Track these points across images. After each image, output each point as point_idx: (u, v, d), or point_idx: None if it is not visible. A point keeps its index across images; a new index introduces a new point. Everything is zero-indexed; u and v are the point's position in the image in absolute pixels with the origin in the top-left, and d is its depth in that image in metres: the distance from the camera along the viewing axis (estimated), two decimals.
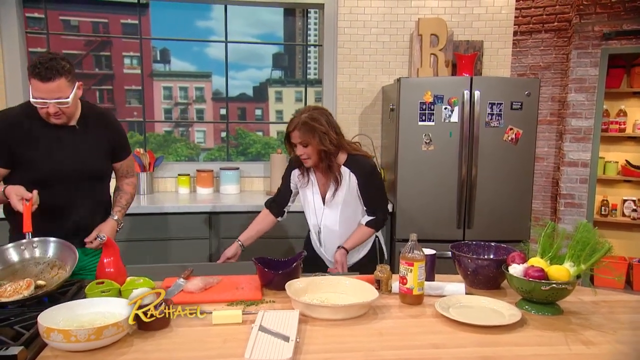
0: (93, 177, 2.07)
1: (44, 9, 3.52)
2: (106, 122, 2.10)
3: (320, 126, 2.07)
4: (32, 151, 1.92)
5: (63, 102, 1.83)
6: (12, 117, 1.93)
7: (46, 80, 1.78)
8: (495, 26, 3.84)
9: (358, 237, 2.25)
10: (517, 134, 3.20)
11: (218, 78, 3.87)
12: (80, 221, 2.04)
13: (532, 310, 1.60)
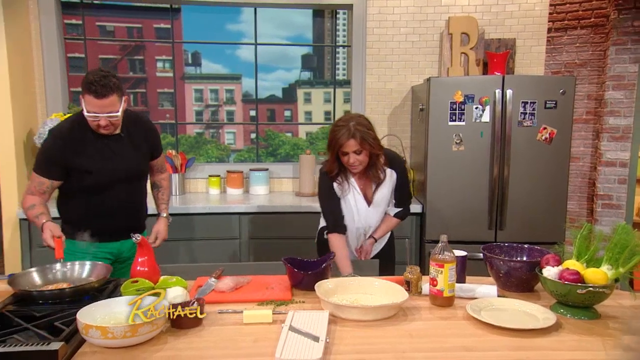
0: (138, 178, 2.27)
1: (82, 15, 3.63)
2: (143, 125, 2.25)
3: (371, 131, 2.13)
4: (86, 162, 2.07)
5: (113, 115, 1.99)
6: (65, 134, 2.07)
7: (101, 97, 1.92)
8: (528, 23, 3.76)
9: (387, 228, 2.39)
10: (551, 133, 3.13)
11: (248, 80, 3.91)
12: (131, 218, 2.25)
13: (567, 314, 1.56)
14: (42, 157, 2.10)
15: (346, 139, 2.09)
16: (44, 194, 2.10)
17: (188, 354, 1.32)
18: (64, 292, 1.60)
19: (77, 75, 3.67)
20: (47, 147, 2.09)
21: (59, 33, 3.50)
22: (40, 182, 2.08)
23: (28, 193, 2.11)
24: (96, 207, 2.13)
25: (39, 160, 2.11)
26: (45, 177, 2.07)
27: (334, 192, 2.27)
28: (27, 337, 1.35)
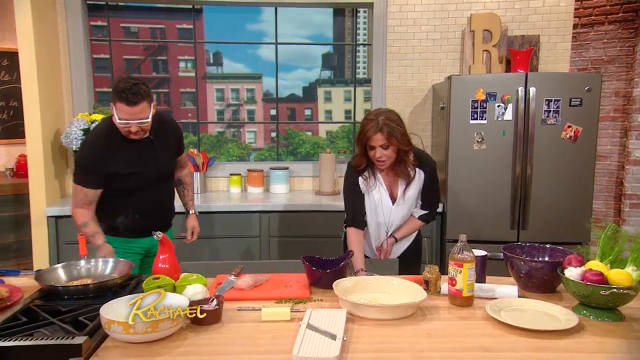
0: (168, 177, 2.37)
1: (107, 17, 3.71)
2: (168, 125, 2.32)
3: (399, 126, 2.10)
4: (121, 167, 2.14)
5: (144, 122, 2.05)
6: (100, 143, 2.13)
7: (132, 104, 1.99)
8: (553, 19, 3.69)
9: (409, 229, 2.34)
10: (576, 131, 3.06)
11: (268, 79, 3.94)
12: (162, 216, 2.37)
13: (590, 316, 1.53)
14: (82, 168, 2.16)
15: (373, 133, 2.08)
16: (91, 204, 2.15)
17: (207, 350, 1.34)
18: (88, 288, 1.64)
19: (102, 75, 3.75)
20: (85, 157, 2.15)
21: (85, 35, 3.58)
22: (84, 194, 2.13)
23: (77, 207, 2.15)
24: (129, 208, 2.22)
25: (79, 172, 2.16)
26: (89, 187, 2.12)
27: (358, 188, 2.26)
28: (52, 331, 1.39)
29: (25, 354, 1.25)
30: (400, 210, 2.29)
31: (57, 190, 3.39)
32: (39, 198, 3.14)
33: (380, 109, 2.20)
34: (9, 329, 1.38)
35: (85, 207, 2.14)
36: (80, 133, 3.18)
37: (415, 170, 2.23)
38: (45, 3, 3.29)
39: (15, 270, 1.97)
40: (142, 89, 2.01)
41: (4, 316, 1.47)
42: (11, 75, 4.32)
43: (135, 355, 1.30)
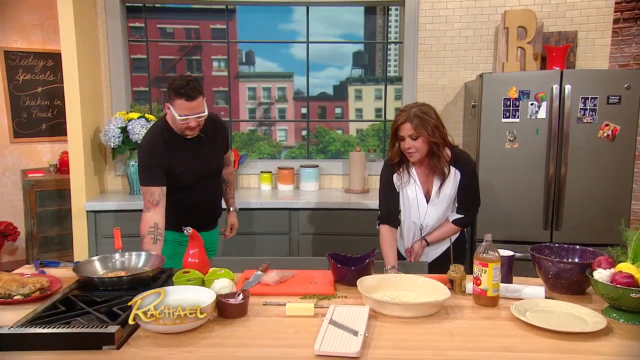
0: (217, 174, 2.45)
1: (144, 18, 3.83)
2: (215, 123, 2.38)
3: (431, 119, 2.08)
4: (177, 165, 2.22)
5: (202, 116, 2.13)
6: (157, 142, 2.21)
7: (191, 99, 2.06)
8: (592, 15, 3.58)
9: (442, 233, 2.26)
10: (614, 130, 2.97)
11: (300, 78, 3.98)
12: (211, 212, 2.46)
13: (620, 319, 1.49)
14: (145, 169, 2.21)
15: (402, 122, 2.09)
16: (158, 204, 2.16)
17: (232, 342, 1.38)
18: (122, 280, 1.72)
19: (139, 75, 3.88)
20: (146, 157, 2.21)
21: (124, 36, 3.71)
22: (151, 194, 2.16)
23: (145, 211, 2.17)
24: (181, 205, 2.28)
25: (143, 171, 2.22)
26: (154, 185, 2.16)
27: (392, 185, 2.26)
28: (88, 320, 1.46)
29: (62, 340, 1.32)
30: (435, 210, 2.22)
31: (96, 186, 3.53)
32: (79, 193, 3.28)
33: (417, 102, 2.19)
34: (49, 316, 1.47)
35: (152, 208, 2.14)
36: (117, 131, 3.30)
37: (451, 168, 2.16)
38: (87, 6, 3.42)
39: (56, 261, 2.07)
40: (197, 85, 2.11)
41: (45, 304, 1.56)
42: (55, 76, 4.52)
43: (164, 345, 1.36)
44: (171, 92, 2.09)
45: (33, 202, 4.18)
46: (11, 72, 4.36)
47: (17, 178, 4.47)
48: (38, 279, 1.70)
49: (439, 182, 2.19)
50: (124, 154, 3.46)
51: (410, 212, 2.26)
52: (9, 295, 1.61)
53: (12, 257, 4.48)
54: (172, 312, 1.37)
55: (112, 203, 3.25)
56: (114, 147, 3.37)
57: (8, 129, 4.40)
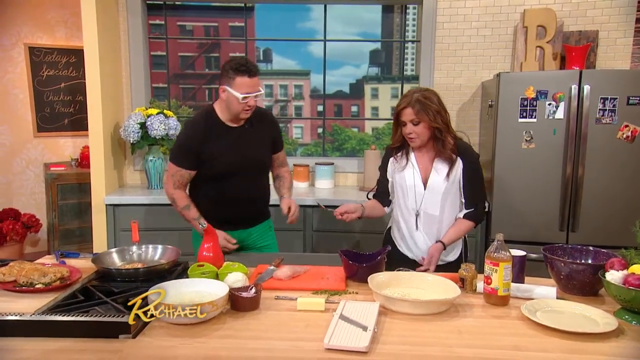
0: (260, 169, 2.39)
1: (164, 16, 3.89)
2: (266, 119, 2.38)
3: (433, 104, 2.06)
4: (214, 149, 2.23)
5: (260, 93, 2.18)
6: (198, 128, 2.24)
7: (252, 75, 2.11)
8: (613, 14, 3.52)
9: (457, 232, 2.17)
10: (633, 131, 2.93)
11: (316, 76, 4.00)
12: (251, 208, 2.39)
13: (632, 321, 1.48)
14: (179, 148, 2.27)
15: (403, 107, 2.08)
16: (185, 186, 2.31)
17: (244, 334, 1.41)
18: (139, 272, 1.77)
19: (158, 72, 3.94)
20: (183, 137, 2.28)
21: (144, 33, 3.77)
22: (181, 175, 2.25)
23: (175, 187, 2.27)
24: (219, 196, 2.28)
25: (176, 152, 2.27)
26: (184, 167, 2.24)
27: (385, 165, 2.29)
28: (106, 309, 1.51)
29: (81, 328, 1.37)
30: (432, 197, 2.14)
31: (116, 180, 3.61)
32: (99, 187, 3.35)
33: (420, 87, 2.16)
34: (69, 305, 1.52)
35: (181, 188, 2.28)
36: (137, 127, 3.36)
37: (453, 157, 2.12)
38: (109, 3, 3.49)
39: (76, 252, 2.13)
40: (254, 63, 2.15)
41: (65, 294, 1.61)
42: (78, 72, 4.62)
43: (178, 335, 1.39)
44: (230, 72, 2.11)
45: (55, 195, 4.28)
46: (36, 68, 4.47)
47: (40, 171, 4.59)
48: (59, 269, 1.76)
49: (448, 167, 2.12)
50: (143, 149, 3.52)
51: (407, 198, 2.20)
52: (31, 284, 1.67)
53: (35, 248, 4.60)
54: (172, 312, 1.40)
55: (131, 197, 3.31)
56: (133, 142, 3.43)
57: (32, 123, 4.52)
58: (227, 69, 2.13)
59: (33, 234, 4.45)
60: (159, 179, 3.55)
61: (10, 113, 4.46)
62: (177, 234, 3.16)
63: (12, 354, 1.28)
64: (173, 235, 3.10)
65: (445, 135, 2.10)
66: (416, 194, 2.19)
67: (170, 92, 3.99)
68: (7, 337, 1.36)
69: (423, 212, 2.19)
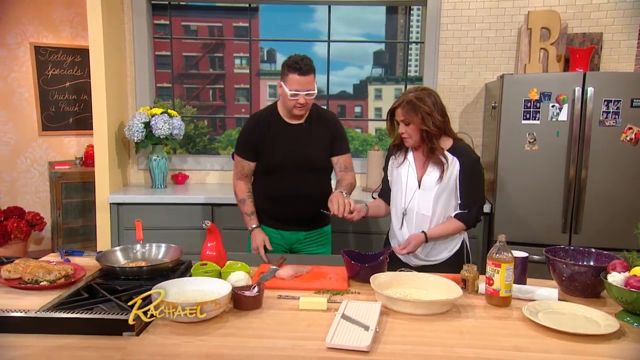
0: (316, 169, 2.37)
1: (169, 16, 3.90)
2: (326, 120, 2.39)
3: (425, 106, 2.01)
4: (269, 145, 2.30)
5: (311, 93, 2.20)
6: (258, 118, 2.38)
7: (304, 74, 2.15)
8: (618, 16, 3.52)
9: (444, 229, 2.11)
10: (637, 133, 2.93)
11: (320, 76, 4.00)
12: (304, 208, 2.36)
13: (634, 323, 1.48)
14: (240, 138, 2.40)
15: (396, 106, 2.09)
16: (247, 176, 2.42)
17: (247, 333, 1.42)
18: (142, 270, 1.78)
19: (162, 72, 3.96)
20: (244, 128, 2.41)
21: (149, 33, 3.79)
22: (242, 166, 2.39)
23: (237, 178, 2.43)
24: (271, 191, 2.36)
25: (238, 142, 2.41)
26: (243, 158, 2.37)
27: (386, 165, 2.30)
28: (110, 307, 1.52)
29: (85, 326, 1.38)
30: (426, 196, 2.10)
31: (120, 179, 3.62)
32: (103, 186, 3.37)
33: (418, 86, 2.13)
34: (73, 302, 1.53)
35: (243, 178, 2.41)
36: (141, 126, 3.38)
37: (449, 157, 2.07)
38: (114, 3, 3.51)
39: (80, 250, 2.15)
40: (310, 62, 2.17)
41: (69, 291, 1.62)
42: (82, 71, 4.64)
43: (181, 333, 1.40)
44: (285, 68, 2.19)
45: (59, 193, 4.30)
46: (41, 67, 4.50)
47: (44, 170, 4.61)
48: (63, 266, 1.77)
49: (439, 172, 2.07)
50: (147, 148, 3.54)
51: (397, 194, 2.19)
52: (36, 281, 1.68)
53: (39, 246, 4.63)
54: (172, 312, 1.40)
55: (135, 196, 3.33)
56: (137, 142, 3.45)
57: (37, 122, 4.54)
58: (284, 65, 2.20)
59: (37, 232, 4.48)
60: (162, 178, 3.56)
61: (15, 112, 4.49)
62: (180, 233, 3.18)
63: (17, 350, 1.30)
64: (177, 234, 3.13)
65: (433, 140, 2.04)
66: (407, 191, 2.15)
67: (175, 92, 4.01)
68: (12, 333, 1.37)
69: (415, 212, 2.14)
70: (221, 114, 4.11)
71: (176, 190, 3.55)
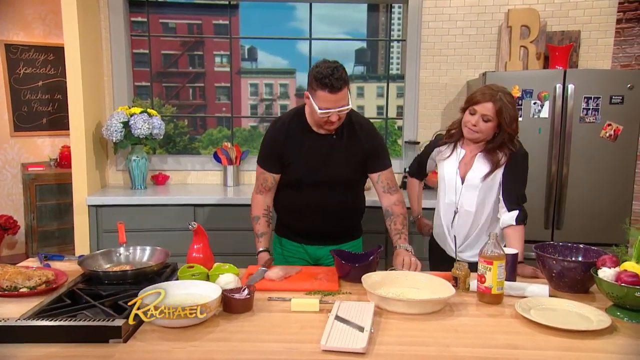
0: (344, 184, 2.09)
1: (147, 13, 3.81)
2: (363, 131, 2.07)
3: (514, 110, 1.99)
4: (293, 156, 2.04)
5: (345, 109, 1.89)
6: (281, 126, 2.07)
7: (336, 91, 1.82)
8: (595, 15, 3.59)
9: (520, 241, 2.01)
10: (616, 130, 2.98)
11: (302, 74, 3.98)
12: (328, 224, 2.12)
13: (624, 318, 1.50)
14: (263, 148, 2.11)
15: (485, 99, 1.97)
16: (270, 190, 2.13)
17: (238, 337, 1.38)
18: (127, 274, 1.72)
19: (141, 70, 3.87)
20: (267, 137, 2.11)
21: (126, 30, 3.69)
22: (264, 178, 2.11)
23: (257, 192, 2.15)
24: (293, 205, 2.13)
25: (261, 151, 2.13)
26: (266, 170, 2.09)
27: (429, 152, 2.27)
28: (94, 313, 1.46)
29: (69, 333, 1.32)
30: (470, 193, 2.07)
31: (98, 181, 3.53)
32: (81, 188, 3.27)
33: (503, 87, 2.04)
34: (55, 309, 1.47)
35: (264, 192, 2.13)
36: (120, 126, 3.29)
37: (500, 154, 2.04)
38: (90, 0, 3.41)
39: (60, 255, 2.07)
40: (343, 74, 1.84)
41: (51, 297, 1.56)
42: (57, 70, 4.51)
43: (170, 338, 1.36)
44: (313, 82, 1.86)
45: (33, 196, 4.18)
46: (12, 66, 4.35)
47: (17, 172, 4.46)
48: (44, 272, 1.70)
49: (488, 170, 2.04)
50: (126, 148, 3.45)
51: (446, 191, 2.16)
52: (15, 288, 1.61)
53: (12, 250, 4.48)
54: (172, 312, 1.37)
55: (114, 197, 3.24)
56: (115, 142, 3.36)
57: (9, 122, 4.40)
58: (312, 75, 1.87)
59: (10, 235, 4.33)
60: (142, 179, 3.48)
61: None
62: (163, 235, 3.12)
63: None
64: (159, 236, 3.06)
65: (511, 141, 2.02)
66: (451, 187, 2.14)
67: (153, 91, 3.92)
68: None
69: (460, 207, 2.12)
70: (202, 113, 4.04)
71: (157, 191, 3.48)
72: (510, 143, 2.03)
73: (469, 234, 2.14)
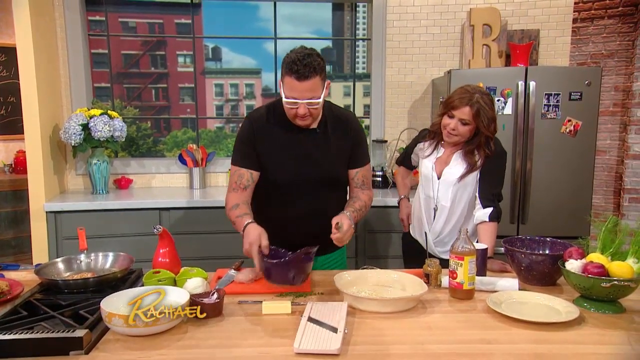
0: (330, 183, 1.93)
1: (105, 12, 3.69)
2: (347, 127, 1.92)
3: (491, 112, 1.98)
4: (272, 154, 1.86)
5: (314, 102, 1.72)
6: (257, 117, 1.89)
7: (302, 78, 1.67)
8: (552, 14, 3.69)
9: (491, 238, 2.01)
10: (576, 125, 3.06)
11: (268, 74, 3.93)
12: (318, 231, 1.79)
13: (591, 308, 1.53)
14: (236, 142, 1.92)
15: (462, 104, 1.96)
16: (245, 189, 1.88)
17: (208, 343, 1.33)
18: (88, 282, 1.64)
19: (100, 71, 3.74)
20: (240, 130, 1.91)
21: (83, 29, 3.56)
22: (239, 175, 1.88)
23: (230, 191, 1.90)
24: (279, 213, 1.91)
25: (234, 147, 1.93)
26: (242, 166, 1.88)
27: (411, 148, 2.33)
28: (53, 325, 1.38)
29: (26, 347, 1.24)
30: (445, 188, 2.09)
31: (56, 186, 3.39)
32: (38, 193, 3.13)
33: (480, 88, 2.04)
34: (10, 322, 1.38)
35: (239, 190, 1.87)
36: (79, 128, 3.17)
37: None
38: None
39: (15, 264, 1.97)
40: (315, 61, 1.68)
41: (5, 310, 1.46)
42: (9, 71, 4.30)
43: (137, 348, 1.30)
44: (283, 67, 1.71)
45: None
46: None
47: None
48: None
49: (465, 169, 2.05)
50: (86, 152, 3.33)
51: (424, 187, 2.19)
52: None
53: None
54: (172, 312, 1.34)
55: (74, 203, 3.11)
56: (74, 145, 3.23)
57: None
58: (283, 61, 1.73)
59: None
60: (104, 184, 3.36)
61: None
62: (127, 240, 3.02)
63: None
64: (123, 242, 2.96)
65: (488, 143, 2.02)
66: (428, 182, 2.15)
67: (114, 92, 3.79)
68: None
69: (438, 202, 2.13)
70: (165, 114, 3.94)
71: (120, 195, 3.36)
72: (487, 146, 2.03)
73: (443, 229, 2.16)
